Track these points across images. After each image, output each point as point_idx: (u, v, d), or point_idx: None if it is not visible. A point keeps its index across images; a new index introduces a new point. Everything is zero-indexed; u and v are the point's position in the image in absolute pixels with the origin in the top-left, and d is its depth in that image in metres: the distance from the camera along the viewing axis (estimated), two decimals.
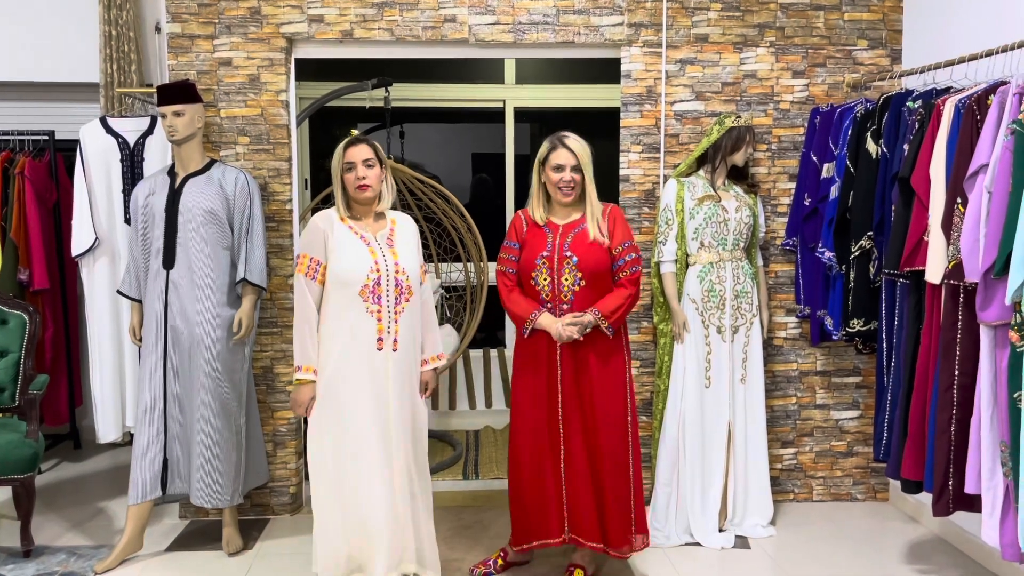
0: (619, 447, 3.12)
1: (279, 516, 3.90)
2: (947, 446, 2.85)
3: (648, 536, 3.22)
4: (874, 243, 3.44)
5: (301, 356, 2.88)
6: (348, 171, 2.91)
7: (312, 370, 2.87)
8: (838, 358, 4.02)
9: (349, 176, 2.92)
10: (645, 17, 3.83)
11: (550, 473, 3.14)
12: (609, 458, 3.09)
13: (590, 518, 3.11)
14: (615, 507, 3.11)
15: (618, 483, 3.11)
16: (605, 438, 3.09)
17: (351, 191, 2.93)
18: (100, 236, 3.86)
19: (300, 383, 2.88)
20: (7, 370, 3.64)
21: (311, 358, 2.87)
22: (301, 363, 2.87)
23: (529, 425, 3.15)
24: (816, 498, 4.07)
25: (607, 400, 3.09)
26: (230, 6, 3.73)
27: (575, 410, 3.11)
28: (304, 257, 2.90)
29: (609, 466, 3.09)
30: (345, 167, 2.92)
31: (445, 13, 3.78)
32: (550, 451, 3.13)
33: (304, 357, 2.87)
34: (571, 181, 3.05)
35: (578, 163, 3.04)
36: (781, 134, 3.93)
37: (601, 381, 3.09)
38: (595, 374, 3.08)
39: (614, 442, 3.10)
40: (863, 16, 3.90)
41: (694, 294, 3.60)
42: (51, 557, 3.46)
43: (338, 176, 2.94)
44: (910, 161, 3.06)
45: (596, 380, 3.08)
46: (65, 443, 4.95)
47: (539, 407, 3.13)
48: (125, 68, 4.55)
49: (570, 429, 3.11)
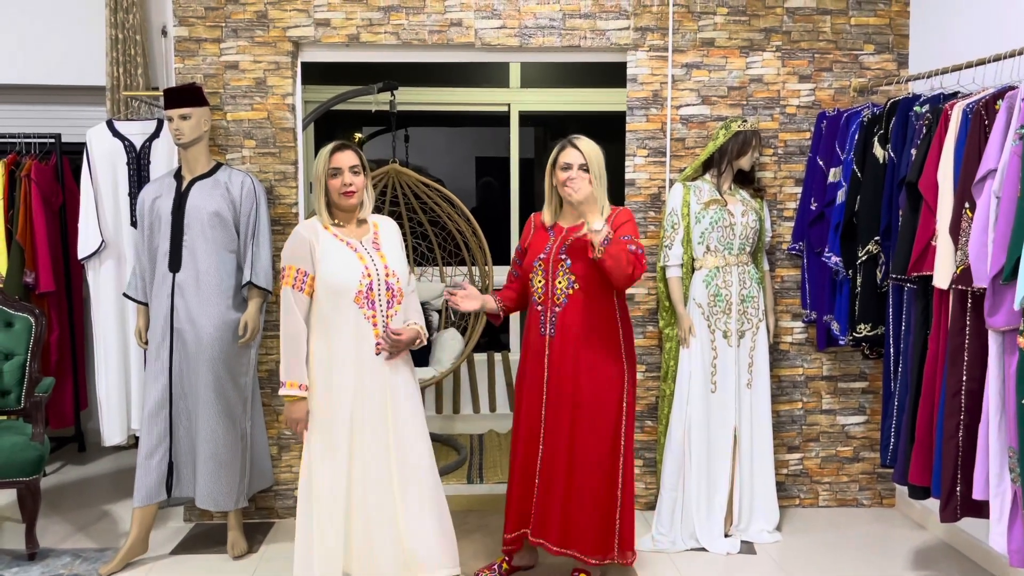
0: (606, 457, 3.06)
1: (284, 519, 3.90)
2: (955, 452, 2.84)
3: (635, 553, 3.15)
4: (881, 248, 3.43)
5: (288, 372, 2.80)
6: (333, 176, 2.84)
7: (299, 386, 2.80)
8: (844, 363, 4.00)
9: (335, 182, 2.84)
10: (651, 21, 3.82)
11: (525, 469, 3.13)
12: (593, 466, 3.04)
13: (554, 521, 3.06)
14: (594, 515, 3.05)
15: (600, 493, 3.05)
16: (590, 446, 3.04)
17: (335, 197, 2.86)
18: (106, 239, 3.86)
19: (291, 400, 2.81)
20: (13, 372, 3.65)
21: (299, 374, 2.79)
22: (288, 379, 2.79)
23: (517, 421, 3.18)
24: (822, 504, 4.05)
25: (597, 409, 3.04)
26: (237, 10, 3.74)
27: (561, 413, 3.07)
28: (290, 269, 2.81)
29: (591, 474, 3.04)
30: (331, 172, 2.85)
31: (451, 17, 3.78)
32: (531, 450, 3.13)
33: (291, 373, 2.79)
34: (576, 179, 3.00)
35: (585, 162, 3.01)
36: (787, 138, 3.93)
37: (592, 389, 3.04)
38: (585, 381, 3.04)
39: (601, 451, 3.05)
40: (870, 21, 3.90)
41: (700, 298, 3.59)
42: (56, 560, 3.46)
43: (322, 181, 2.86)
44: (918, 166, 3.06)
45: (586, 387, 3.04)
46: (70, 446, 4.96)
47: (526, 404, 3.14)
48: (132, 71, 4.56)
49: (552, 430, 3.08)
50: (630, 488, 3.12)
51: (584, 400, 3.04)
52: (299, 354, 2.80)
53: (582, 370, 3.04)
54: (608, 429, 3.06)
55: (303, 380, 2.80)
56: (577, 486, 3.06)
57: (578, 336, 3.04)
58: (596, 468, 3.05)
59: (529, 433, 3.14)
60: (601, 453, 3.06)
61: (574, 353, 3.04)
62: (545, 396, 3.10)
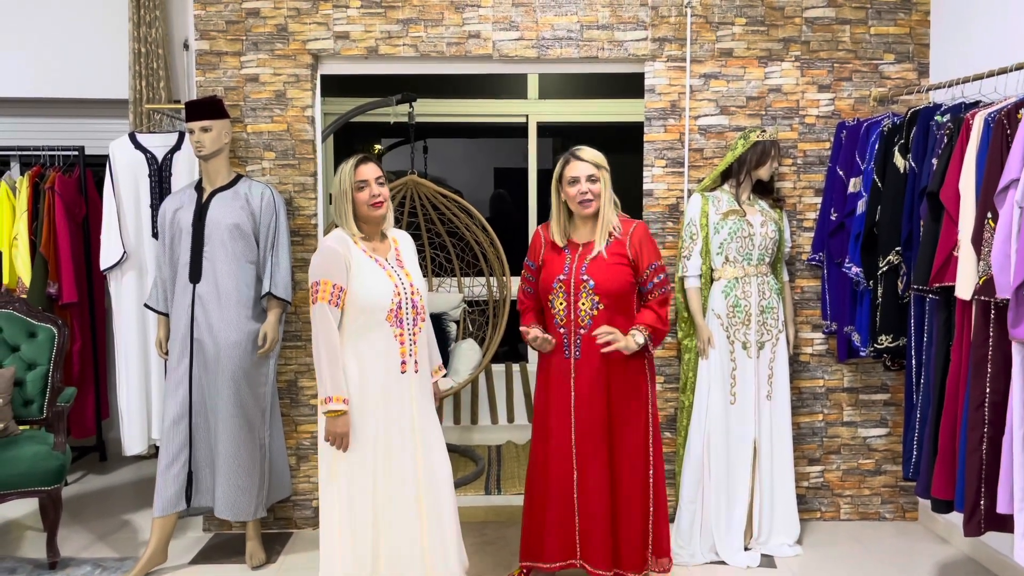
0: (639, 472, 3.05)
1: (302, 530, 3.90)
2: (978, 465, 2.80)
3: (670, 559, 3.16)
4: (902, 258, 3.40)
5: (332, 387, 2.73)
6: (360, 189, 2.83)
7: (342, 400, 2.74)
8: (865, 375, 3.97)
9: (362, 195, 2.83)
10: (669, 32, 3.82)
11: (560, 497, 3.08)
12: (627, 483, 3.04)
13: (603, 545, 3.04)
14: (631, 531, 3.05)
15: (635, 506, 3.05)
16: (624, 463, 3.03)
17: (363, 210, 2.84)
18: (128, 250, 3.90)
19: (334, 415, 2.75)
20: (35, 382, 3.68)
21: (341, 388, 2.74)
22: (332, 394, 2.73)
23: (542, 446, 3.12)
24: (843, 517, 4.01)
25: (627, 425, 3.03)
26: (257, 23, 3.78)
27: (591, 434, 3.04)
28: (325, 284, 2.75)
29: (627, 491, 3.03)
30: (357, 185, 2.83)
31: (469, 29, 3.80)
32: (564, 475, 3.07)
33: (336, 387, 2.74)
34: (588, 192, 2.99)
35: (593, 173, 2.99)
36: (807, 148, 3.91)
37: (621, 405, 3.03)
38: (615, 398, 3.02)
39: (634, 467, 3.04)
40: (890, 30, 3.88)
41: (719, 309, 3.57)
42: (76, 569, 3.48)
43: (349, 196, 2.84)
44: (939, 175, 3.03)
45: (615, 404, 3.02)
46: (91, 455, 5.00)
47: (553, 429, 3.09)
48: (154, 85, 4.62)
49: (584, 453, 3.04)
50: (661, 495, 3.12)
51: (618, 420, 3.03)
52: (339, 368, 2.75)
53: (613, 390, 3.02)
54: (641, 445, 3.06)
55: (345, 394, 2.75)
56: (621, 506, 3.05)
57: (605, 356, 3.00)
58: (635, 485, 3.05)
59: (560, 459, 3.07)
60: (636, 469, 3.05)
61: (604, 374, 3.01)
62: (574, 420, 3.05)
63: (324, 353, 2.74)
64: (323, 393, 2.75)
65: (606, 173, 3.03)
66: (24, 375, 3.68)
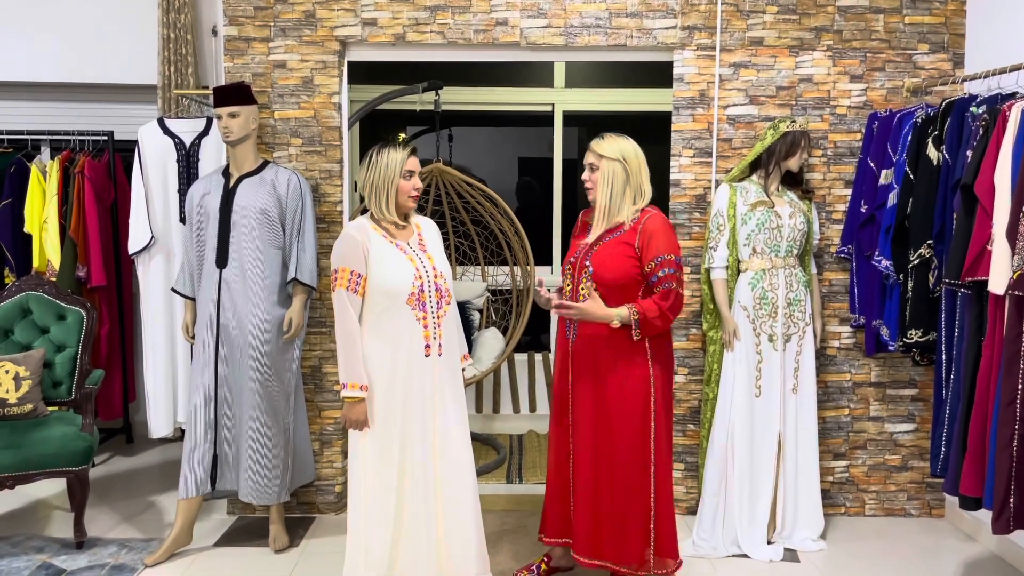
0: (633, 463, 2.95)
1: (325, 515, 3.93)
2: (1009, 462, 2.75)
3: (677, 560, 3.03)
4: (934, 252, 3.35)
5: (349, 373, 2.76)
6: (407, 178, 2.84)
7: (360, 387, 2.77)
8: (893, 369, 3.92)
9: (407, 184, 2.84)
10: (699, 20, 3.78)
11: (558, 477, 3.12)
12: (618, 472, 2.96)
13: (585, 531, 3.01)
14: (619, 523, 2.97)
15: (627, 500, 2.96)
16: (616, 452, 2.95)
17: (403, 199, 2.86)
18: (156, 235, 3.94)
19: (351, 401, 2.78)
20: (64, 364, 3.73)
21: (360, 375, 2.77)
22: (348, 380, 2.76)
23: (553, 424, 3.16)
24: (868, 513, 3.97)
25: (620, 414, 2.94)
26: (285, 9, 3.78)
27: (586, 420, 3.01)
28: (344, 271, 2.77)
29: (620, 481, 2.96)
30: (406, 174, 2.84)
31: (497, 16, 3.78)
32: (563, 457, 3.11)
33: (352, 374, 2.77)
34: (588, 180, 3.00)
35: (593, 161, 2.97)
36: (837, 139, 3.85)
37: (614, 393, 2.94)
38: (606, 385, 2.95)
39: (626, 457, 2.95)
40: (924, 19, 3.81)
41: (745, 301, 3.54)
42: (103, 549, 3.53)
43: (395, 182, 2.83)
44: (973, 168, 2.97)
45: (607, 392, 2.95)
46: (118, 437, 5.06)
47: (556, 409, 3.13)
48: (182, 70, 4.64)
49: (579, 438, 3.03)
50: (665, 494, 2.99)
51: (606, 406, 2.96)
52: (358, 355, 2.78)
53: (603, 374, 2.96)
54: (634, 435, 2.94)
55: (363, 381, 2.78)
56: (603, 493, 2.99)
57: (599, 339, 2.95)
58: (621, 475, 2.96)
59: (559, 439, 3.11)
60: (626, 459, 2.95)
61: (594, 357, 2.97)
62: (571, 401, 3.06)
63: (341, 340, 2.78)
64: (341, 379, 2.80)
65: (615, 164, 2.93)
66: (53, 357, 3.73)
